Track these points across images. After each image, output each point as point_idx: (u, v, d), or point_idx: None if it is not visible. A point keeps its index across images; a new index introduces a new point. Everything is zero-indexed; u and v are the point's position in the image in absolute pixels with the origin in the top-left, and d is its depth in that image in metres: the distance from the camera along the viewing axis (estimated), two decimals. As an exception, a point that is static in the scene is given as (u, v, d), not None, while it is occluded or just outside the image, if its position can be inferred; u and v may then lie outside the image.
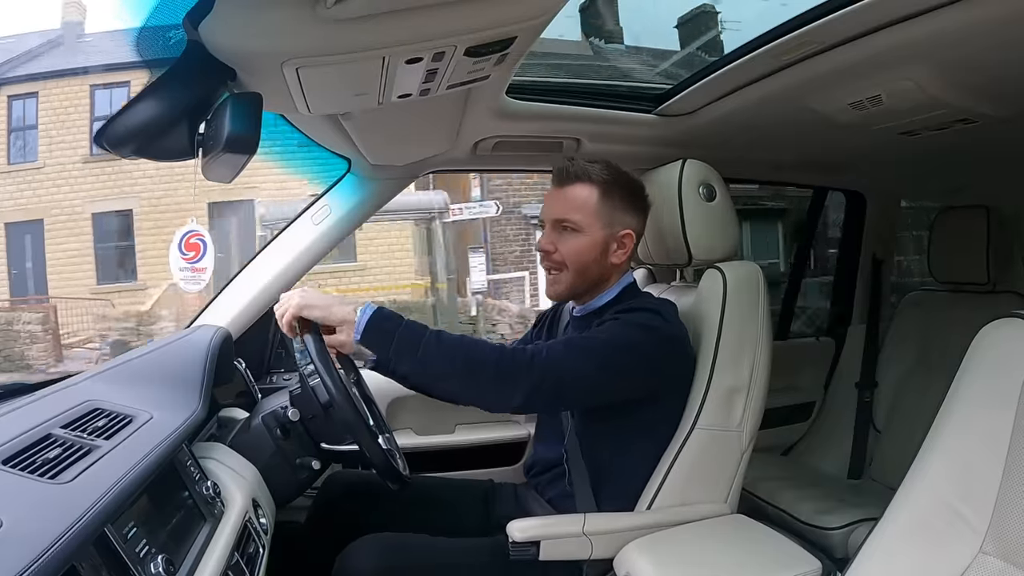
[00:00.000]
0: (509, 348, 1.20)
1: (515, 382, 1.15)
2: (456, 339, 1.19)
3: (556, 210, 1.36)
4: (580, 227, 1.33)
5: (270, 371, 1.88)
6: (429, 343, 1.16)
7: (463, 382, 1.18)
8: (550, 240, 1.36)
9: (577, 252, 1.34)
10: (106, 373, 1.19)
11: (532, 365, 1.16)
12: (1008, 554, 0.85)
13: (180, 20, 0.86)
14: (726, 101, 1.53)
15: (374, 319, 1.17)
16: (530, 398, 1.18)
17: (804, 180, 2.35)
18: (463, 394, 1.23)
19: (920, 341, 2.16)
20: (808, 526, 1.85)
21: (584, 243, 1.34)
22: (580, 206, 1.33)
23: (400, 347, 1.16)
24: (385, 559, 1.22)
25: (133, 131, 0.90)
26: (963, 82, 1.29)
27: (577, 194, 1.34)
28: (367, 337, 1.17)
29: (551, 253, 1.35)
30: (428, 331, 1.18)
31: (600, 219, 1.34)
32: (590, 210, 1.33)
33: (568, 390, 1.22)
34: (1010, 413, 0.88)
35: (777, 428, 2.25)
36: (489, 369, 1.15)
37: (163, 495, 0.95)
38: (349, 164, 1.68)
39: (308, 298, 1.19)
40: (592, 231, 1.34)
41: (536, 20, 0.99)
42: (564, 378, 1.19)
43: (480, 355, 1.17)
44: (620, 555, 1.24)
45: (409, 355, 1.16)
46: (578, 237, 1.34)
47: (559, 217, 1.35)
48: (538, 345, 1.22)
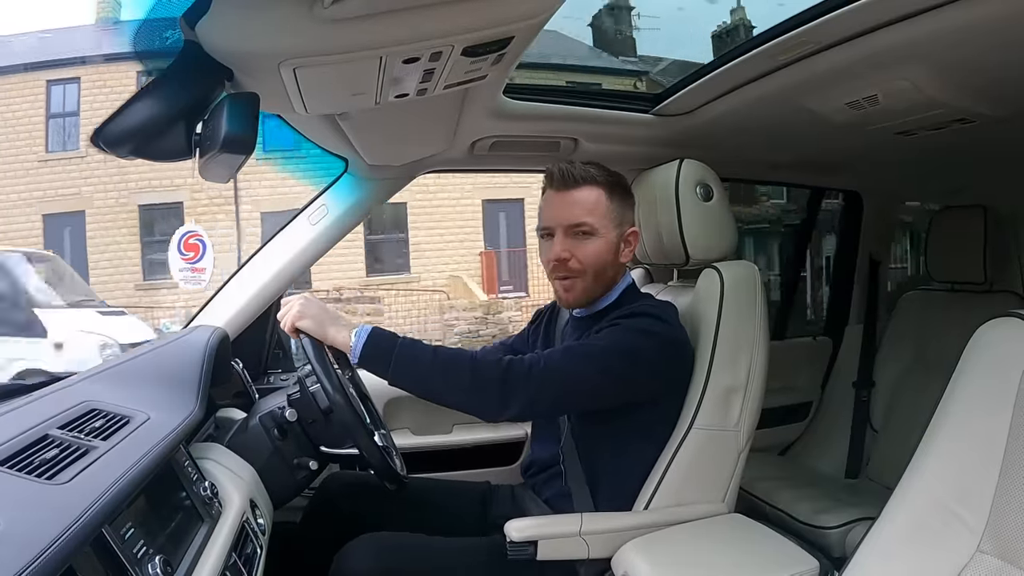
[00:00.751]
0: (507, 359, 1.19)
1: (515, 392, 1.16)
2: (454, 355, 1.20)
3: (568, 215, 1.31)
4: (596, 230, 1.31)
5: (267, 371, 1.87)
6: (427, 362, 1.17)
7: (464, 396, 1.20)
8: (565, 247, 1.31)
9: (596, 256, 1.32)
10: (103, 374, 1.19)
11: (531, 374, 1.17)
12: (1005, 553, 0.85)
13: (177, 20, 0.85)
14: (723, 101, 1.54)
15: (370, 343, 1.17)
16: (531, 407, 1.20)
17: (801, 180, 2.35)
18: (464, 407, 1.24)
19: (917, 341, 2.17)
20: (805, 525, 1.85)
21: (601, 246, 1.32)
22: (592, 209, 1.31)
23: (399, 369, 1.17)
24: (382, 559, 1.22)
25: (130, 131, 0.90)
26: (960, 82, 1.30)
27: (587, 197, 1.31)
28: (365, 362, 1.18)
29: (567, 261, 1.31)
30: (426, 349, 1.19)
31: (612, 220, 1.33)
32: (602, 212, 1.32)
33: (568, 397, 1.23)
34: (1007, 412, 0.88)
35: (774, 428, 2.26)
36: (491, 383, 1.16)
37: (160, 496, 0.95)
38: (346, 164, 1.67)
39: (306, 311, 1.20)
40: (607, 233, 1.32)
41: (533, 20, 0.99)
42: (564, 386, 1.20)
43: (480, 369, 1.17)
44: (617, 555, 1.24)
45: (408, 375, 1.18)
46: (595, 241, 1.31)
47: (574, 222, 1.31)
48: (537, 354, 1.22)
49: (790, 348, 2.39)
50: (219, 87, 0.96)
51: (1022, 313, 0.92)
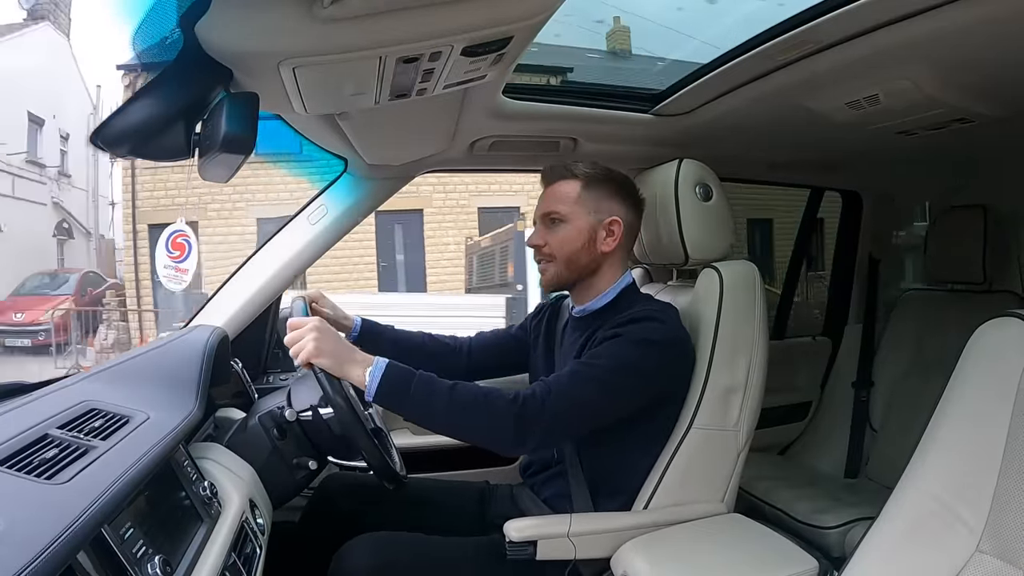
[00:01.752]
0: (522, 397, 1.18)
1: (531, 428, 1.17)
2: (470, 392, 1.18)
3: (544, 206, 1.41)
4: (565, 217, 1.37)
5: (267, 371, 1.88)
6: (442, 400, 1.16)
7: (481, 434, 1.21)
8: (539, 235, 1.40)
9: (564, 241, 1.38)
10: (103, 373, 1.19)
11: (544, 408, 1.17)
12: (1005, 553, 0.85)
13: (176, 20, 0.85)
14: (723, 101, 1.53)
15: (385, 381, 1.15)
16: (547, 439, 1.25)
17: (801, 180, 2.35)
18: (482, 443, 1.26)
19: (917, 340, 2.16)
20: (805, 525, 1.85)
21: (570, 232, 1.37)
22: (563, 198, 1.38)
23: (414, 407, 1.17)
24: (381, 558, 1.22)
25: (129, 131, 0.90)
26: (960, 82, 1.30)
27: (561, 188, 1.39)
28: (380, 399, 1.16)
29: (541, 247, 1.40)
30: (442, 387, 1.17)
31: (584, 207, 1.37)
32: (572, 200, 1.37)
33: (580, 422, 1.25)
34: (1006, 412, 0.88)
35: (774, 427, 2.26)
36: (506, 420, 1.16)
37: (160, 495, 0.95)
38: (346, 164, 1.67)
39: (322, 349, 1.16)
40: (576, 219, 1.37)
41: (533, 20, 0.99)
42: (575, 413, 1.22)
43: (496, 408, 1.17)
44: (617, 555, 1.24)
45: (424, 413, 1.18)
46: (564, 227, 1.37)
47: (546, 211, 1.40)
48: (545, 384, 1.22)
49: (789, 348, 2.39)
50: (218, 87, 0.96)
51: (1021, 313, 0.92)
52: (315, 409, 1.30)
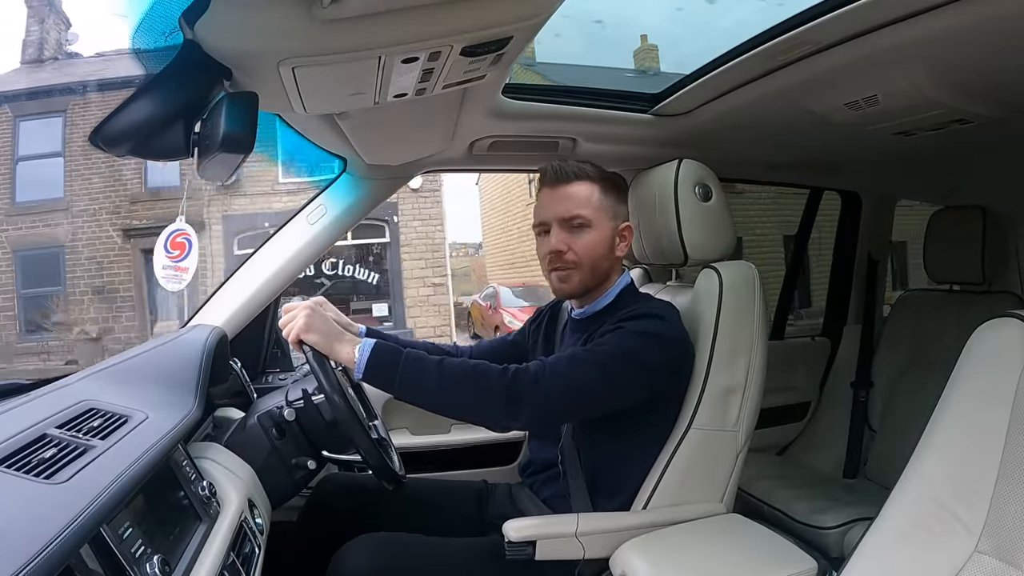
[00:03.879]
0: (513, 369, 1.18)
1: (523, 402, 1.16)
2: (460, 367, 1.18)
3: (562, 209, 1.34)
4: (590, 222, 1.33)
5: (266, 371, 1.88)
6: (432, 376, 1.16)
7: (471, 409, 1.20)
8: (562, 240, 1.33)
9: (591, 247, 1.34)
10: (101, 373, 1.19)
11: (538, 384, 1.16)
12: (1004, 553, 0.85)
13: (176, 20, 0.85)
14: (722, 101, 1.53)
15: (374, 358, 1.15)
16: (539, 416, 1.20)
17: (800, 180, 2.36)
18: (472, 419, 1.25)
19: (915, 341, 2.17)
20: (804, 525, 1.85)
21: (596, 238, 1.34)
22: (586, 202, 1.33)
23: (403, 385, 1.16)
24: (380, 558, 1.22)
25: (128, 130, 0.90)
26: (960, 83, 1.30)
27: (580, 191, 1.34)
28: (369, 376, 1.16)
29: (564, 253, 1.34)
30: (430, 363, 1.17)
31: (606, 213, 1.35)
32: (596, 204, 1.34)
33: (575, 405, 1.23)
34: (1005, 413, 0.88)
35: (773, 428, 2.27)
36: (498, 394, 1.15)
37: (159, 495, 0.95)
38: (345, 164, 1.67)
39: (312, 325, 1.18)
40: (601, 224, 1.34)
41: (532, 20, 0.99)
42: (571, 394, 1.20)
43: (487, 382, 1.16)
44: (616, 555, 1.23)
45: (413, 390, 1.17)
46: (590, 232, 1.34)
47: (569, 215, 1.33)
48: (541, 362, 1.21)
49: (789, 348, 2.39)
50: (218, 86, 0.96)
51: (1020, 313, 0.92)
52: (308, 397, 1.31)
